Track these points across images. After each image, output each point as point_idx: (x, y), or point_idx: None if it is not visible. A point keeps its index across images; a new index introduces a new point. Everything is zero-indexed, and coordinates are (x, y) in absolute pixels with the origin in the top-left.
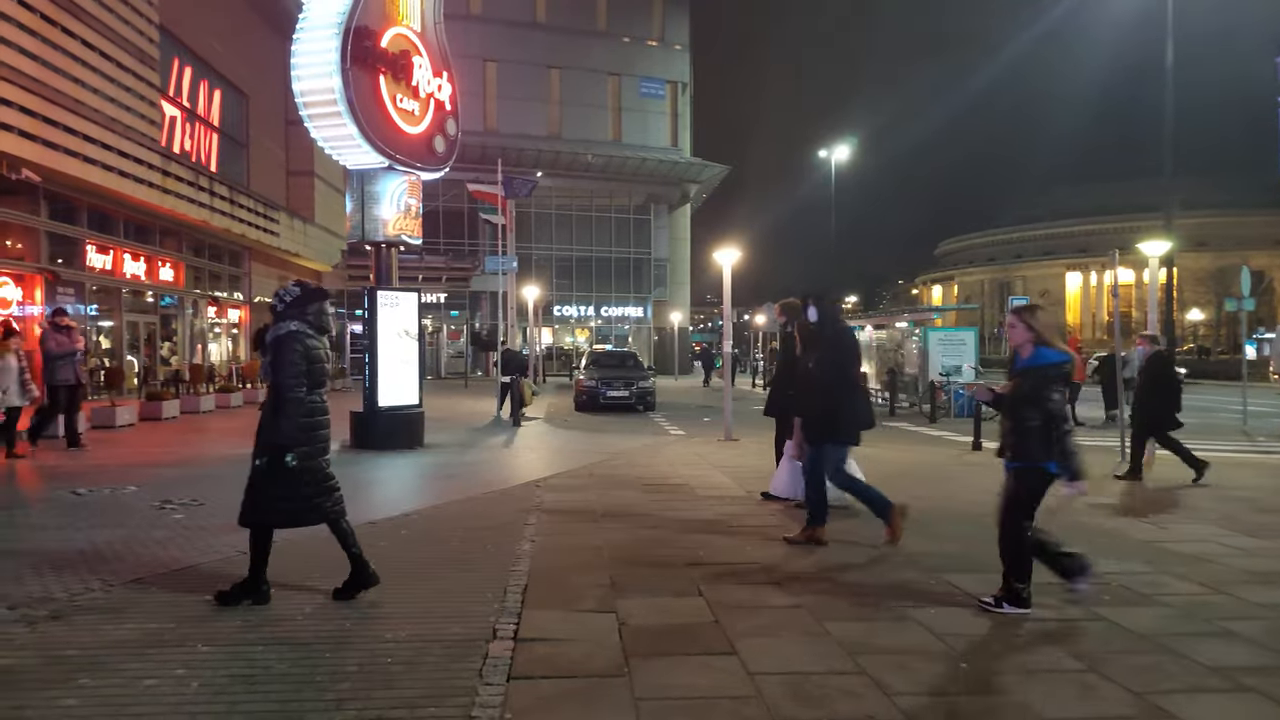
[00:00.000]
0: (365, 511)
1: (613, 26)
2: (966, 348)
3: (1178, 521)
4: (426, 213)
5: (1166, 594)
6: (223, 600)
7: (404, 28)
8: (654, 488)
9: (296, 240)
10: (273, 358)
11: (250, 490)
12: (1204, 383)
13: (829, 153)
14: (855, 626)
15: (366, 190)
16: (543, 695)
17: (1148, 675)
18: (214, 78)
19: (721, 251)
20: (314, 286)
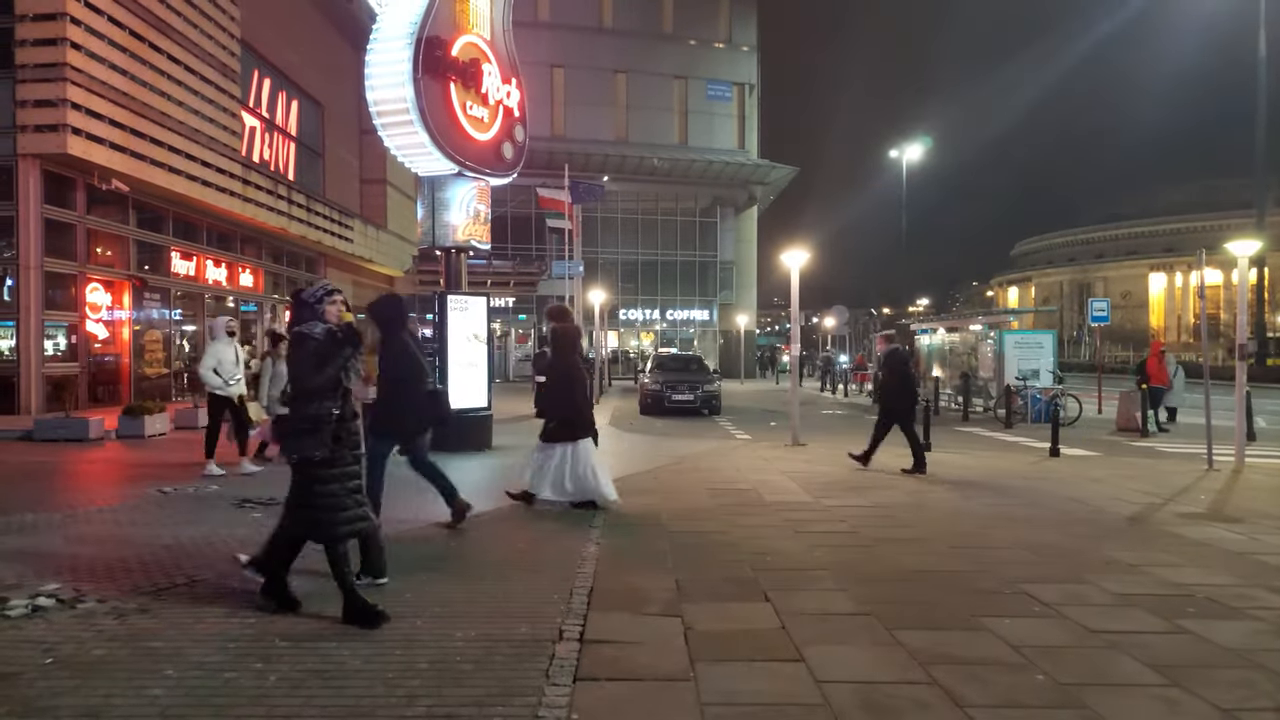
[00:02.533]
0: (436, 513)
1: (679, 29)
2: (1044, 351)
3: (1271, 533)
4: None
5: (1255, 606)
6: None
7: (474, 36)
8: (720, 492)
9: (369, 246)
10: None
11: None
12: None
13: (900, 152)
14: (926, 635)
15: (437, 197)
16: (608, 697)
17: (1238, 691)
18: (291, 89)
19: (788, 253)
20: None
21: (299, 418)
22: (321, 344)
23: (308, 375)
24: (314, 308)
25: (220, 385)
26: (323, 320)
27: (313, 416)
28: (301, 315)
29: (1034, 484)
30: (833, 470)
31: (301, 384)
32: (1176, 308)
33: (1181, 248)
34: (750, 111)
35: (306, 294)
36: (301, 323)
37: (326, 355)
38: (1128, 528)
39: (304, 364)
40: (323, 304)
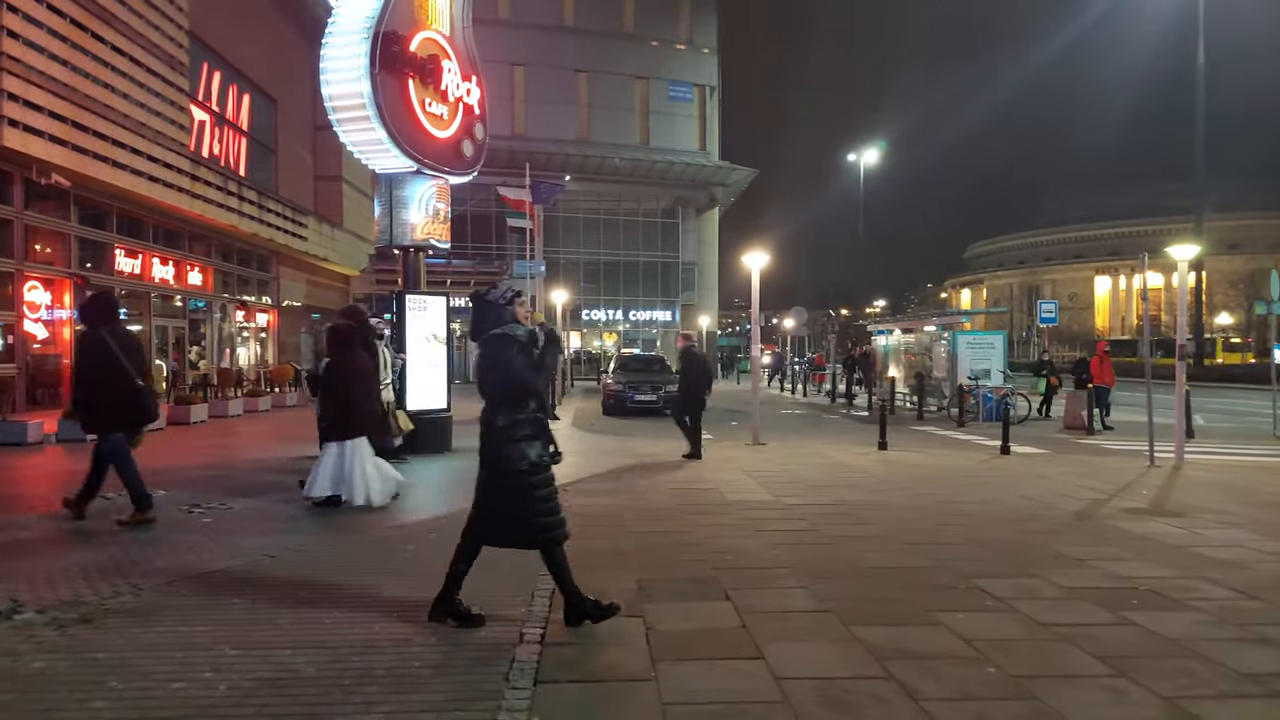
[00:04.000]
0: (394, 515)
1: (640, 30)
2: (995, 351)
3: (1210, 527)
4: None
5: (1196, 598)
6: None
7: (433, 31)
8: (682, 492)
9: (324, 245)
10: None
11: None
12: (1233, 387)
13: (857, 156)
14: (883, 631)
15: (394, 195)
16: (569, 699)
17: (1179, 680)
18: (243, 83)
19: (749, 255)
20: None
21: (515, 422)
22: (527, 345)
23: (530, 376)
24: (504, 309)
25: None
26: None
27: (534, 420)
28: (488, 317)
29: (986, 481)
30: (793, 469)
31: (523, 385)
32: (1120, 309)
33: (1125, 251)
34: (711, 113)
35: (493, 296)
36: (488, 325)
37: (539, 355)
38: (1075, 523)
39: (519, 365)
40: (511, 305)
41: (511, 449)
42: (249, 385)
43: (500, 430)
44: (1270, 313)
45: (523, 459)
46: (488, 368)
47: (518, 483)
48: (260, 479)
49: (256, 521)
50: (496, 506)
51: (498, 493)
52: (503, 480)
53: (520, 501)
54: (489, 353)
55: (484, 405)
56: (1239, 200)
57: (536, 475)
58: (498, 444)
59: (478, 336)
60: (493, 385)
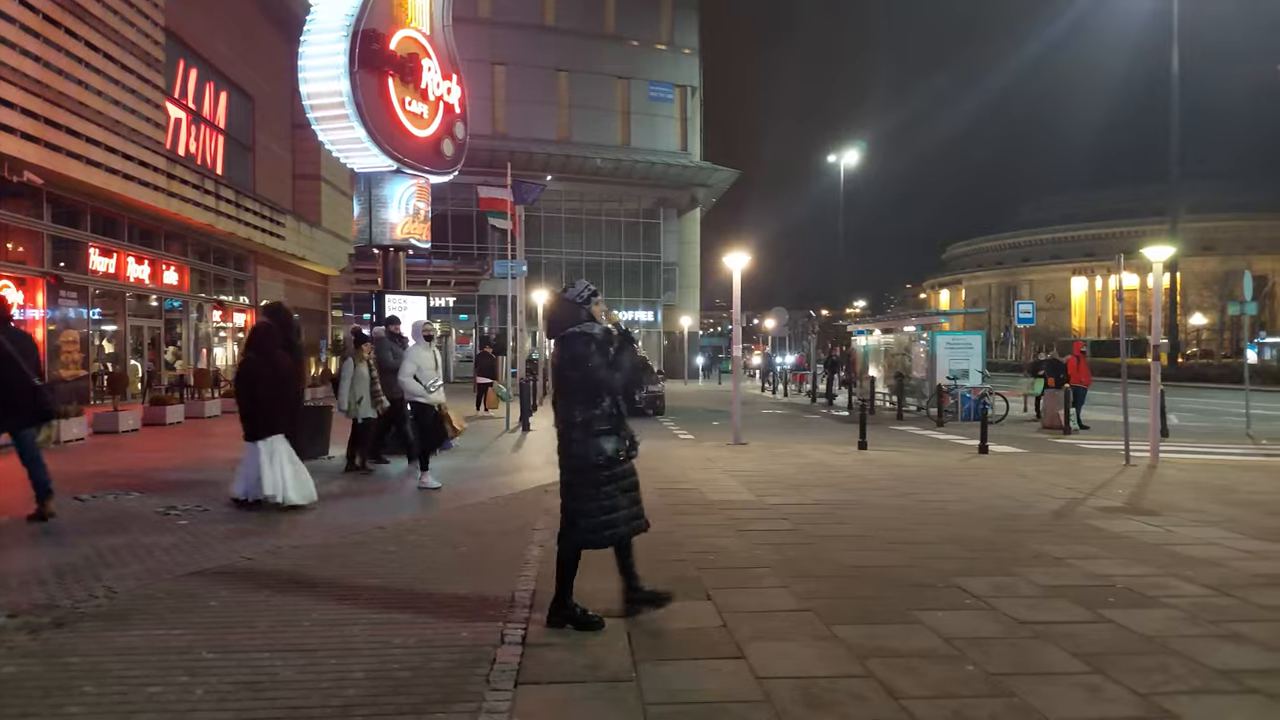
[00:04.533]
0: (374, 517)
1: (621, 30)
2: (973, 351)
3: (1185, 525)
4: (435, 216)
5: (1170, 595)
6: None
7: (413, 30)
8: (664, 492)
9: (303, 244)
10: None
11: None
12: (1207, 386)
13: (838, 157)
14: (863, 630)
15: (374, 194)
16: (550, 700)
17: (1154, 676)
18: (220, 80)
19: (731, 256)
20: None
21: (593, 417)
22: (604, 343)
23: (606, 375)
24: (581, 308)
25: (421, 393)
26: (589, 320)
27: (610, 415)
28: (565, 315)
29: (965, 481)
30: (774, 468)
31: (599, 384)
32: (1097, 310)
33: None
34: (693, 114)
35: (571, 294)
36: (565, 323)
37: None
38: (1053, 522)
39: (595, 363)
40: (589, 304)
41: (589, 444)
42: (226, 386)
43: (579, 426)
44: (1243, 313)
45: (600, 453)
46: (566, 365)
47: (589, 477)
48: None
49: (233, 524)
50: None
51: (577, 487)
52: (578, 475)
53: (588, 497)
54: (567, 350)
55: (560, 402)
56: (1213, 202)
57: (613, 469)
58: (575, 440)
59: (555, 334)
60: (571, 382)
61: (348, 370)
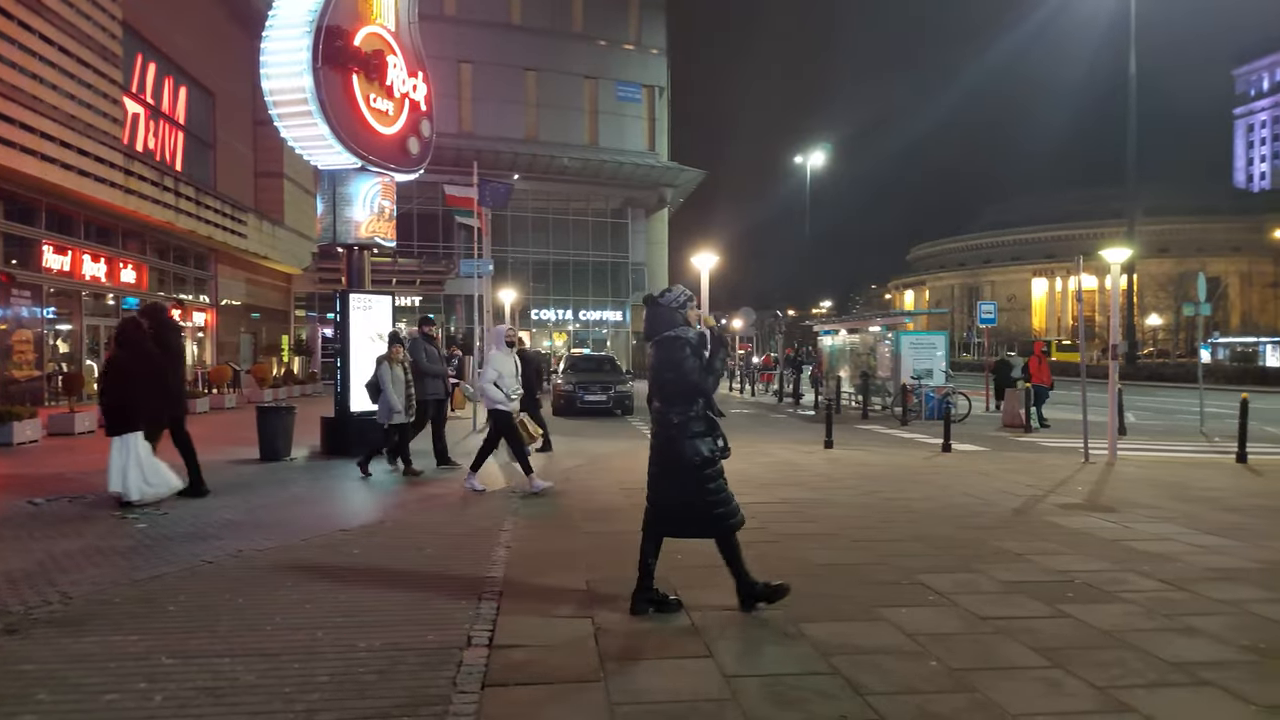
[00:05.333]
0: (338, 519)
1: (589, 29)
2: (937, 351)
3: (1141, 521)
4: (400, 215)
5: (1128, 590)
6: None
7: (377, 26)
8: (633, 491)
9: (265, 243)
10: None
11: None
12: (1163, 385)
13: (804, 158)
14: (829, 627)
15: (338, 192)
16: (517, 702)
17: (1112, 670)
18: (179, 75)
19: (699, 256)
20: None
21: (689, 418)
22: (699, 347)
23: (700, 378)
24: (677, 313)
25: (503, 400)
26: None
27: (705, 417)
28: (661, 319)
29: (929, 479)
30: (742, 467)
31: (694, 386)
32: (1057, 310)
33: (1061, 254)
34: (660, 114)
35: (667, 300)
36: (661, 327)
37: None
38: (1013, 519)
39: (691, 366)
40: (685, 309)
41: (687, 444)
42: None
43: (676, 426)
44: (1198, 314)
45: (697, 453)
46: (662, 368)
47: (692, 476)
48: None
49: (194, 526)
50: (672, 500)
51: (674, 487)
52: (677, 475)
53: (695, 493)
54: (663, 354)
55: (656, 404)
56: (1168, 205)
57: (710, 468)
58: (674, 439)
59: (651, 338)
60: (667, 385)
61: (385, 374)
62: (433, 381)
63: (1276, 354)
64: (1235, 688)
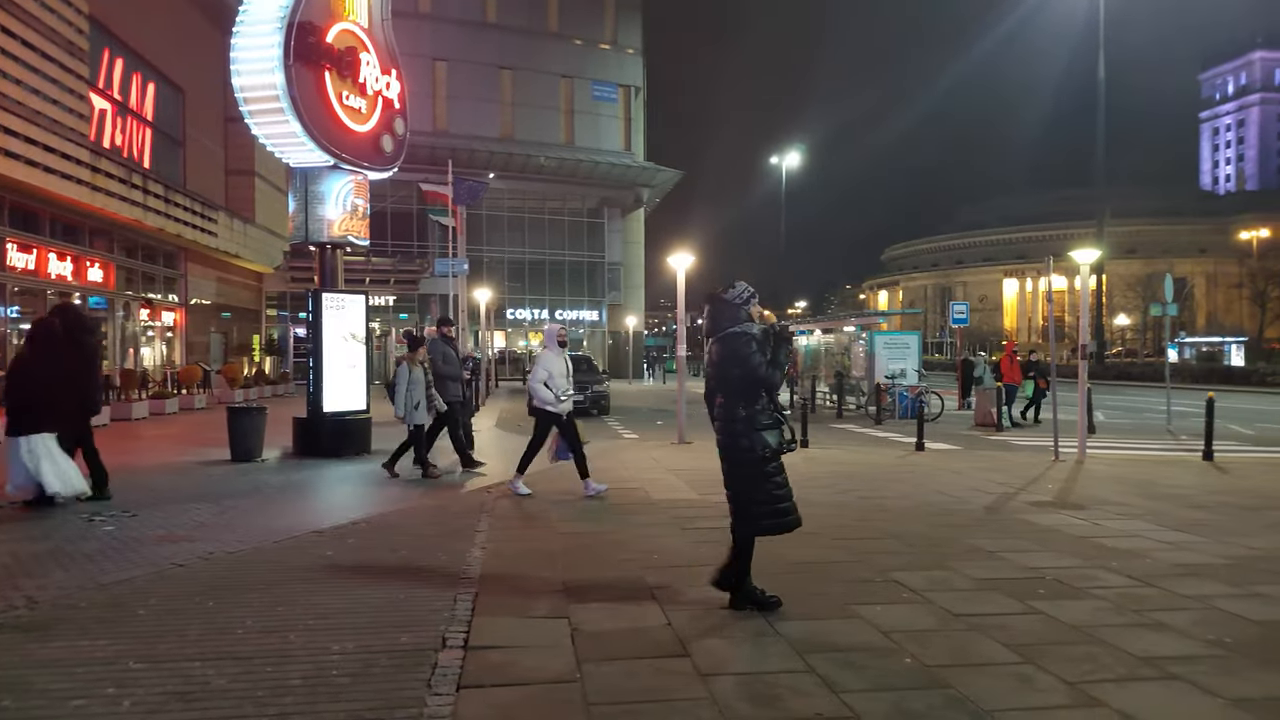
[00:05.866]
0: (311, 520)
1: (564, 28)
2: (910, 351)
3: (1111, 518)
4: (374, 214)
5: (1097, 586)
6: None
7: (350, 23)
8: (608, 492)
9: (236, 241)
10: None
11: None
12: (1131, 384)
13: (780, 159)
14: (805, 625)
15: (310, 190)
16: (493, 703)
17: (1082, 666)
18: (147, 71)
19: (675, 256)
20: None
21: (756, 412)
22: (763, 342)
23: (767, 373)
24: (741, 308)
25: (552, 401)
26: (749, 320)
27: (770, 410)
28: (725, 315)
29: (903, 477)
30: (718, 466)
31: (761, 381)
32: (1028, 310)
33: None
34: (636, 114)
35: (731, 296)
36: (725, 323)
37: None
38: (986, 517)
39: (757, 361)
40: (748, 305)
41: (755, 438)
42: (154, 387)
43: (743, 421)
44: (1165, 314)
45: (765, 447)
46: (728, 364)
47: (759, 469)
48: (166, 484)
49: (163, 529)
50: (746, 493)
51: (743, 479)
52: (743, 467)
53: (750, 487)
54: (728, 349)
55: (719, 400)
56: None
57: (775, 461)
58: (740, 434)
59: (714, 334)
60: (733, 380)
61: (403, 374)
62: (452, 384)
63: (1241, 354)
64: (1203, 682)
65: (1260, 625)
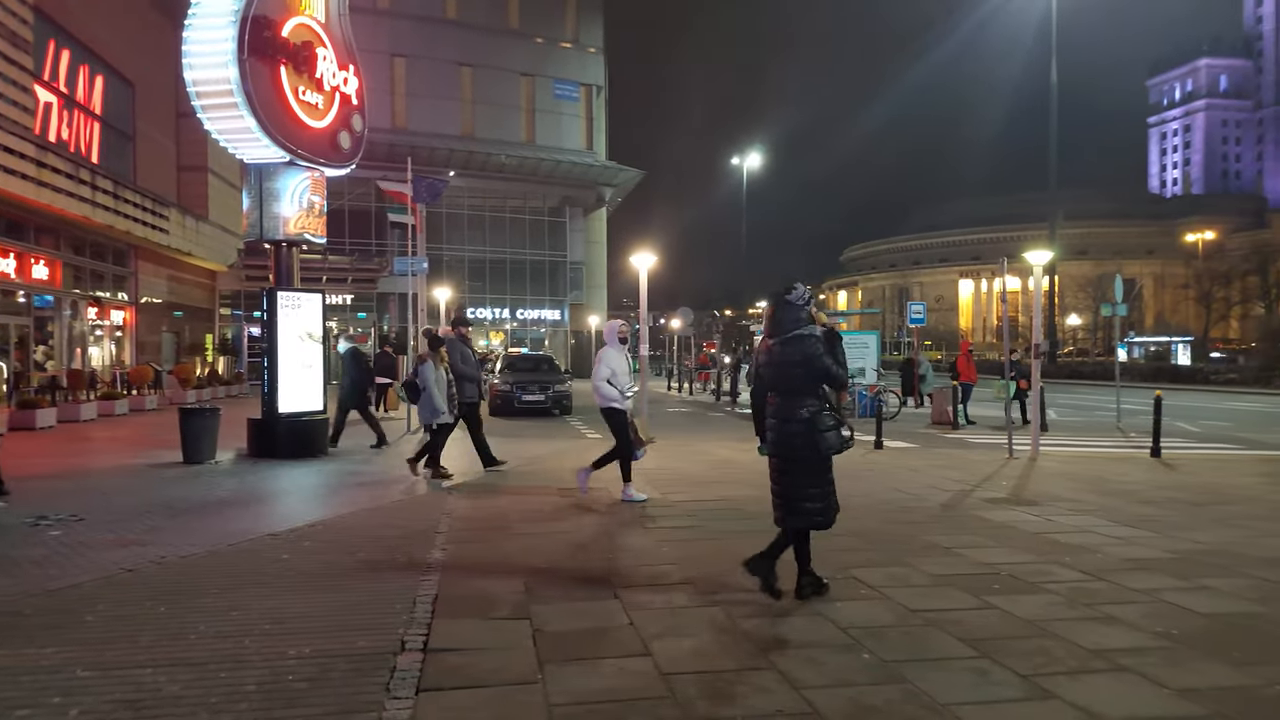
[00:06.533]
0: (266, 523)
1: (525, 26)
2: (869, 351)
3: (1063, 514)
4: (332, 211)
5: (1050, 581)
6: None
7: (306, 17)
8: (570, 491)
9: (189, 239)
10: None
11: None
12: (1082, 383)
13: (741, 160)
14: (766, 623)
15: (265, 186)
16: (453, 706)
17: (1036, 659)
18: (96, 63)
19: (637, 255)
20: None
21: (821, 411)
22: (828, 343)
23: (837, 371)
24: (804, 309)
25: (616, 398)
26: (810, 321)
27: (832, 412)
28: (789, 317)
29: (861, 475)
30: (680, 465)
31: (831, 380)
32: (983, 311)
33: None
34: (598, 113)
35: (794, 297)
36: (789, 325)
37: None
38: (942, 513)
39: (827, 362)
40: (809, 306)
41: (817, 437)
42: (103, 388)
43: (804, 420)
44: (1115, 314)
45: (829, 446)
46: (791, 364)
47: (815, 467)
48: (116, 487)
49: (112, 533)
50: (801, 492)
51: (800, 476)
52: (799, 465)
53: (812, 484)
54: (793, 350)
55: (779, 400)
56: (1088, 209)
57: (829, 461)
58: (801, 433)
59: (778, 334)
60: (795, 380)
61: (427, 375)
62: (468, 385)
63: (1188, 353)
64: (1151, 673)
65: (1206, 617)
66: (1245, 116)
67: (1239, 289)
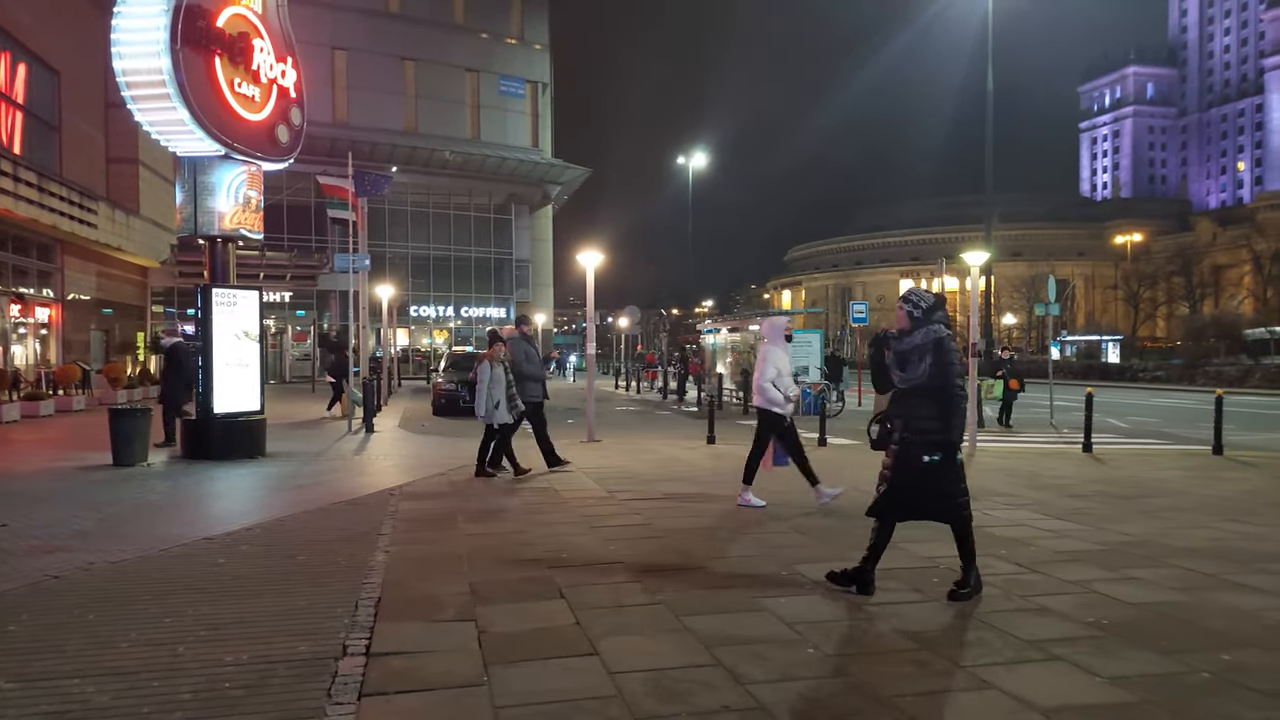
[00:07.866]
0: (201, 527)
1: (470, 21)
2: (813, 350)
3: (998, 508)
4: (270, 206)
5: (987, 574)
6: (833, 579)
7: (242, 8)
8: (516, 491)
9: (118, 233)
10: (935, 359)
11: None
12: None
13: (687, 159)
14: (712, 620)
15: (200, 180)
16: (397, 711)
17: (974, 650)
18: (18, 50)
19: (584, 254)
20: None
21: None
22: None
23: (958, 371)
24: (933, 311)
25: (781, 401)
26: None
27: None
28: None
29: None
30: (627, 464)
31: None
32: None
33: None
34: (544, 110)
35: (920, 301)
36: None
37: None
38: None
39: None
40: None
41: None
42: (27, 388)
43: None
44: (1048, 313)
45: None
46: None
47: (951, 468)
48: (42, 491)
49: (37, 539)
50: (916, 487)
51: (919, 474)
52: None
53: (946, 481)
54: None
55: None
56: (1022, 212)
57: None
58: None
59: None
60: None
61: (484, 373)
62: (532, 384)
63: (1117, 351)
64: (1083, 662)
65: (1134, 607)
66: (1170, 123)
67: (1164, 289)
